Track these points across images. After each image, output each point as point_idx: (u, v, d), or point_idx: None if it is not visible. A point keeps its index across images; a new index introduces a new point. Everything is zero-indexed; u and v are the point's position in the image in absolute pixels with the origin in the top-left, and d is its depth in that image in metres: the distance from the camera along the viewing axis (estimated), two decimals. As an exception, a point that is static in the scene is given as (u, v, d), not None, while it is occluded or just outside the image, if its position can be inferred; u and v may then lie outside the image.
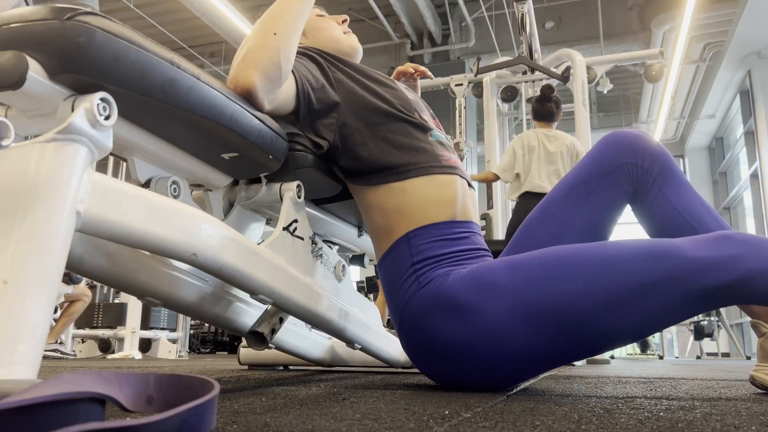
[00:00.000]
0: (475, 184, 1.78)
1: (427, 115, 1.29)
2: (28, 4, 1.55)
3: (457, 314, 1.00)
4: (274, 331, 1.19)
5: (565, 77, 4.49)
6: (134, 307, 4.50)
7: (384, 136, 1.16)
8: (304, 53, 1.19)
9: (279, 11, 1.08)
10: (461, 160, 4.68)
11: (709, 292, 0.89)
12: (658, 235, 1.13)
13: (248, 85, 0.99)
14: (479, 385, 1.05)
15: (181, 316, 5.01)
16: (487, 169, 4.89)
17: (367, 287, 5.49)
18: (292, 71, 1.08)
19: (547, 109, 3.51)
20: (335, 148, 1.16)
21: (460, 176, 1.19)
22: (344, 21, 1.42)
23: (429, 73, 1.61)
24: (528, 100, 5.20)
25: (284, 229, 1.09)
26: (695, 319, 7.79)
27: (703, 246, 0.91)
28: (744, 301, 0.91)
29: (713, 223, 1.08)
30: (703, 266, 0.88)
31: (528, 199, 3.31)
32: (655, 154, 1.12)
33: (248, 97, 0.99)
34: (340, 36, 1.38)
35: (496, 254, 1.14)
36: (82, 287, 4.45)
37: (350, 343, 1.35)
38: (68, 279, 4.27)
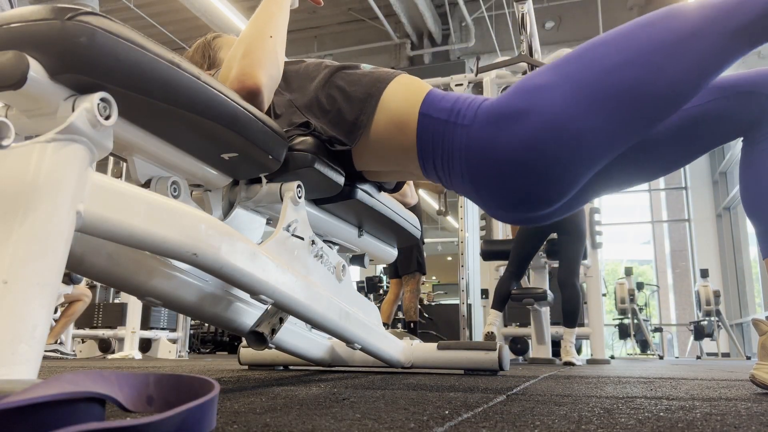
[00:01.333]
0: None
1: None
2: (12, 6, 1.55)
3: (518, 118, 1.01)
4: (274, 331, 1.19)
5: None
6: (134, 307, 4.50)
7: (339, 88, 1.18)
8: None
9: (268, 16, 1.14)
10: None
11: (747, 26, 0.92)
12: (758, 188, 1.10)
13: (256, 85, 1.03)
14: (557, 187, 1.04)
15: (181, 316, 5.01)
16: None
17: (367, 287, 5.50)
18: None
19: None
20: (323, 129, 1.17)
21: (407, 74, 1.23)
22: None
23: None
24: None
25: (284, 229, 1.09)
26: (695, 319, 7.80)
27: None
28: None
29: None
30: (734, 4, 0.92)
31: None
32: None
33: (253, 97, 1.02)
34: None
35: (498, 254, 1.13)
36: (82, 287, 4.45)
37: (350, 343, 1.35)
38: (68, 279, 4.27)
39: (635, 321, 7.84)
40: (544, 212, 1.12)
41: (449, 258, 12.38)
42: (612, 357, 6.80)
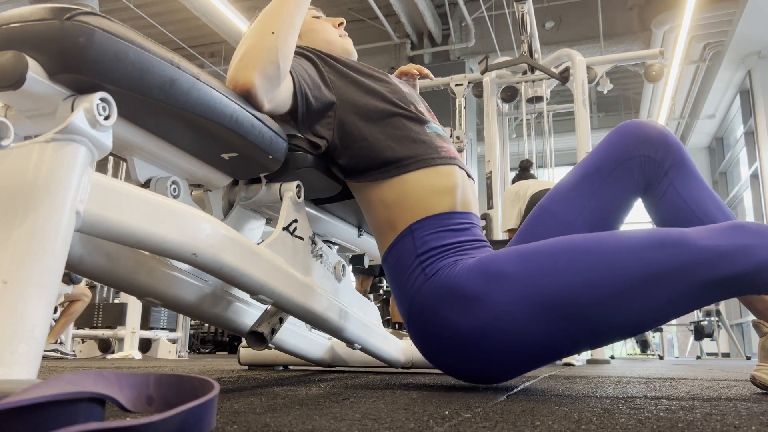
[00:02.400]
0: (474, 175, 1.79)
1: (422, 108, 1.29)
2: None
3: (465, 304, 0.99)
4: (274, 331, 1.19)
5: (564, 77, 4.49)
6: (134, 307, 4.50)
7: (381, 130, 1.16)
8: (299, 53, 1.20)
9: (276, 10, 1.08)
10: (460, 152, 4.68)
11: (720, 282, 0.88)
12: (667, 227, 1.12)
13: (247, 85, 0.99)
14: (488, 375, 1.05)
15: (181, 316, 5.01)
16: (486, 168, 4.90)
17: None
18: (290, 71, 1.09)
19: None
20: (334, 148, 1.16)
21: (459, 167, 1.19)
22: (340, 24, 1.42)
23: (431, 75, 1.60)
24: (528, 100, 5.20)
25: (284, 229, 1.09)
26: (695, 319, 7.80)
27: (716, 235, 0.90)
28: (755, 291, 0.90)
29: (722, 217, 1.07)
30: (715, 256, 0.88)
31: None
32: (669, 145, 1.10)
33: (247, 97, 0.99)
34: (334, 38, 1.38)
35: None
36: (82, 287, 4.45)
37: (350, 343, 1.35)
38: (68, 279, 4.27)
39: (635, 321, 7.82)
40: (476, 382, 1.12)
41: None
42: (612, 357, 6.80)
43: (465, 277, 1.01)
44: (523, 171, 4.24)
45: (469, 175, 1.23)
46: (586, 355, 4.87)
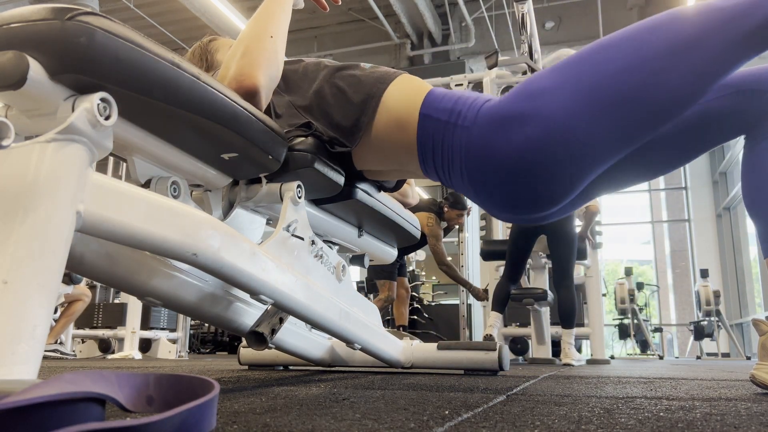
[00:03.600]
0: None
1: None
2: None
3: (518, 124, 1.00)
4: (274, 331, 1.19)
5: None
6: (134, 307, 4.50)
7: (337, 87, 1.18)
8: None
9: (269, 15, 1.13)
10: None
11: (752, 33, 0.90)
12: (757, 185, 1.11)
13: (254, 85, 1.03)
14: (556, 192, 1.04)
15: (181, 316, 5.01)
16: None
17: (367, 287, 5.50)
18: None
19: None
20: (324, 132, 1.17)
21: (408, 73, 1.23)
22: None
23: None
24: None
25: (284, 229, 1.09)
26: (695, 319, 7.80)
27: None
28: None
29: None
30: (740, 10, 0.91)
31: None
32: None
33: (251, 96, 1.02)
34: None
35: (497, 254, 1.13)
36: (82, 287, 4.45)
37: (350, 343, 1.35)
38: (68, 279, 4.27)
39: (635, 321, 7.84)
40: (544, 213, 1.12)
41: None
42: (612, 357, 6.80)
43: (505, 105, 1.03)
44: None
45: None
46: (586, 355, 4.87)
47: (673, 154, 1.14)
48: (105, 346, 4.92)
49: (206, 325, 7.73)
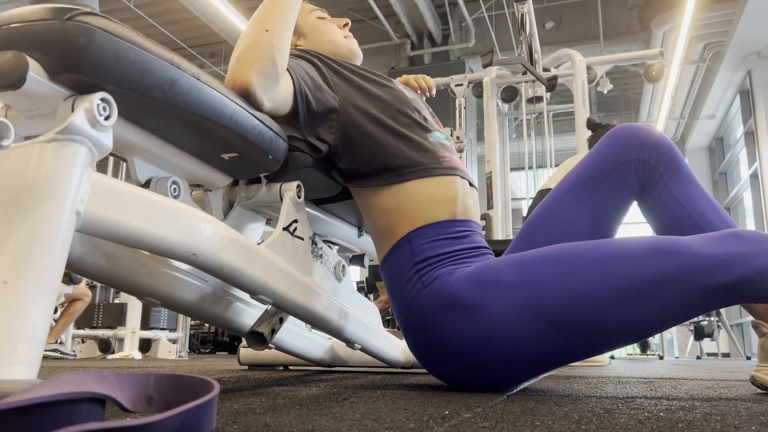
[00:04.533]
0: (474, 175, 1.78)
1: (427, 114, 1.28)
2: None
3: (462, 313, 0.99)
4: (274, 331, 1.19)
5: (551, 84, 4.47)
6: (134, 307, 4.50)
7: (384, 136, 1.16)
8: (300, 56, 1.19)
9: (270, 8, 1.09)
10: (460, 152, 4.67)
11: (716, 289, 0.88)
12: (663, 231, 1.12)
13: (245, 84, 0.99)
14: (485, 383, 1.05)
15: (181, 316, 5.01)
16: (486, 168, 4.89)
17: (367, 287, 5.50)
18: (288, 71, 1.09)
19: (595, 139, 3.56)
20: (335, 152, 1.16)
21: (461, 177, 1.19)
22: (345, 25, 1.42)
23: (432, 92, 1.56)
24: (528, 100, 5.20)
25: (284, 229, 1.09)
26: (695, 319, 7.79)
27: (711, 243, 0.90)
28: (751, 299, 0.90)
29: (718, 219, 1.07)
30: (711, 264, 0.88)
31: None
32: (662, 149, 1.11)
33: (246, 96, 0.99)
34: (340, 39, 1.38)
35: (497, 254, 1.14)
36: (82, 287, 4.45)
37: (350, 343, 1.35)
38: (68, 279, 4.27)
39: (635, 321, 7.83)
40: (474, 386, 1.11)
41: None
42: (612, 357, 6.80)
43: (461, 286, 1.01)
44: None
45: (471, 184, 1.23)
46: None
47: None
48: (105, 346, 4.92)
49: (206, 325, 7.73)
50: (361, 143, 1.15)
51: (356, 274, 7.70)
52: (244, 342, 1.95)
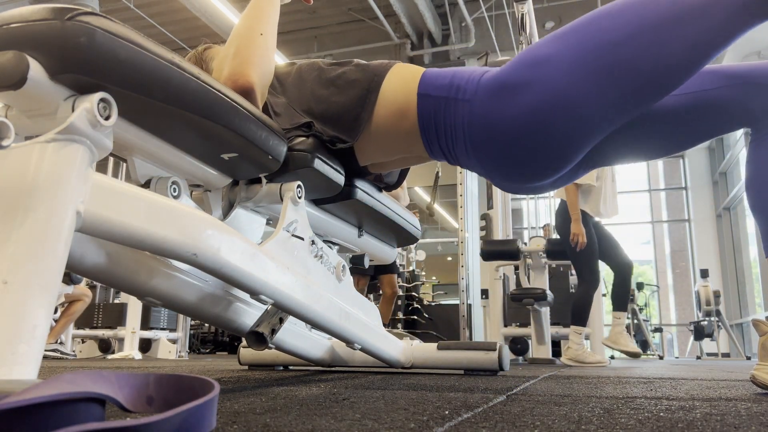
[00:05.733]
0: (473, 176, 1.80)
1: None
2: None
3: (522, 90, 1.01)
4: (274, 332, 1.19)
5: None
6: (134, 307, 4.50)
7: (335, 85, 1.18)
8: None
9: (259, 12, 1.14)
10: None
11: (749, 2, 0.90)
12: (759, 179, 1.12)
13: (248, 83, 1.04)
14: (557, 158, 1.05)
15: (181, 316, 5.01)
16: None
17: (367, 287, 5.50)
18: None
19: None
20: (322, 130, 1.17)
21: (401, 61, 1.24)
22: None
23: None
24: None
25: (284, 229, 1.09)
26: (695, 319, 7.79)
27: None
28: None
29: None
30: None
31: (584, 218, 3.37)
32: None
33: (246, 95, 1.03)
34: None
35: (497, 254, 1.13)
36: (82, 287, 4.45)
37: (350, 343, 1.35)
38: (68, 279, 4.26)
39: (635, 321, 7.84)
40: (548, 181, 1.14)
41: (449, 258, 12.38)
42: (612, 357, 6.80)
43: (506, 74, 1.04)
44: None
45: None
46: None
47: (677, 135, 1.15)
48: (105, 346, 4.91)
49: (206, 325, 7.74)
50: (330, 102, 1.17)
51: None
52: (244, 342, 1.95)
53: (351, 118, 1.15)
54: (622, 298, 3.41)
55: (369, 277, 4.78)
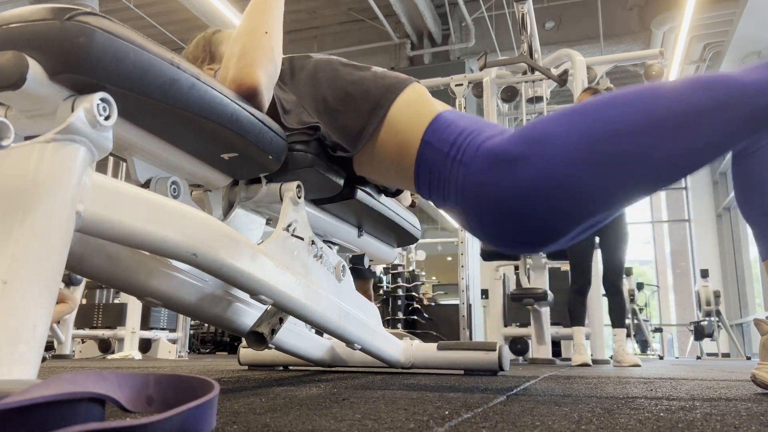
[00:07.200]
0: None
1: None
2: None
3: (513, 166, 1.00)
4: (274, 332, 1.19)
5: (563, 80, 4.49)
6: (134, 307, 4.50)
7: (346, 91, 1.17)
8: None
9: (263, 9, 1.11)
10: None
11: (759, 114, 0.90)
12: (747, 188, 1.12)
13: (254, 84, 1.01)
14: (546, 233, 1.05)
15: (181, 316, 5.00)
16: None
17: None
18: None
19: None
20: (326, 134, 1.17)
21: (417, 81, 1.22)
22: None
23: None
24: (528, 100, 5.20)
25: (284, 229, 1.09)
26: (695, 319, 7.79)
27: (755, 70, 0.92)
28: None
29: None
30: (755, 89, 0.90)
31: None
32: None
33: (252, 96, 1.00)
34: None
35: (497, 254, 1.13)
36: (67, 292, 4.44)
37: (350, 343, 1.35)
38: (68, 279, 4.26)
39: (635, 321, 7.84)
40: (539, 249, 1.12)
41: (449, 258, 12.39)
42: (612, 357, 6.81)
43: (507, 145, 1.02)
44: None
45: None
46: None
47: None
48: (105, 346, 4.91)
49: (206, 325, 7.73)
50: (340, 108, 1.17)
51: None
52: (244, 342, 1.95)
53: (356, 128, 1.15)
54: (618, 314, 3.45)
55: (370, 280, 4.74)
